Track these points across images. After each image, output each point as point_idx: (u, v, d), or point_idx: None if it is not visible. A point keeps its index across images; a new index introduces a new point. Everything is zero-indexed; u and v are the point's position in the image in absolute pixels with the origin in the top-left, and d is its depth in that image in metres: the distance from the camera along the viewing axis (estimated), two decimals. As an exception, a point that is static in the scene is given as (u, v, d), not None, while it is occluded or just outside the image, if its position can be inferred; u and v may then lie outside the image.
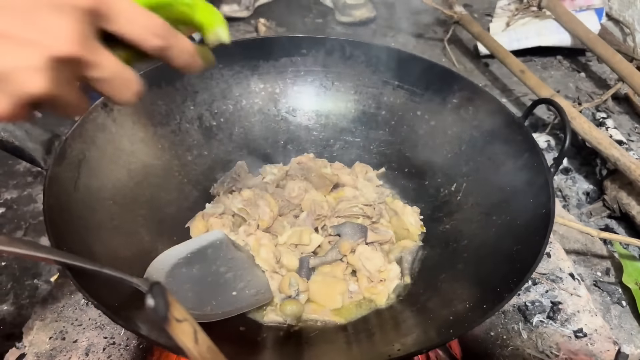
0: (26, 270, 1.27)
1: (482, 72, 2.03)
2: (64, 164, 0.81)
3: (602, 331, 0.92)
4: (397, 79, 1.09)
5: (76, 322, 0.91)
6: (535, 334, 0.92)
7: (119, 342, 0.88)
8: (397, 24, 2.30)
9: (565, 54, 2.09)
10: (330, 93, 1.13)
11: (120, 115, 0.93)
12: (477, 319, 0.69)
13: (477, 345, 0.90)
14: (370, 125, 1.12)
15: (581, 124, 1.44)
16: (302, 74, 1.11)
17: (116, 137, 0.92)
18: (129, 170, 0.93)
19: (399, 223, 0.97)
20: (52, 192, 0.77)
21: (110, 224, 0.84)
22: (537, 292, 0.99)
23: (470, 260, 0.86)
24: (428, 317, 0.78)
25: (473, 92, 1.02)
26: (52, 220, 0.74)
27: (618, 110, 1.81)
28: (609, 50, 1.68)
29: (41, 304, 0.95)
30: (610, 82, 1.94)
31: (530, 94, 1.78)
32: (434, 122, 1.06)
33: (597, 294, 1.20)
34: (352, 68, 1.12)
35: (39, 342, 0.88)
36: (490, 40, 1.86)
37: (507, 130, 0.95)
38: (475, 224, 0.91)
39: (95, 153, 0.87)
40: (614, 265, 1.25)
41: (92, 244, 0.78)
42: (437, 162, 1.04)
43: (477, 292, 0.77)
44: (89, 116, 0.88)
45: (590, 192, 1.51)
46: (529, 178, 0.87)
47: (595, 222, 1.42)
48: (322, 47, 1.10)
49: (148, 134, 0.98)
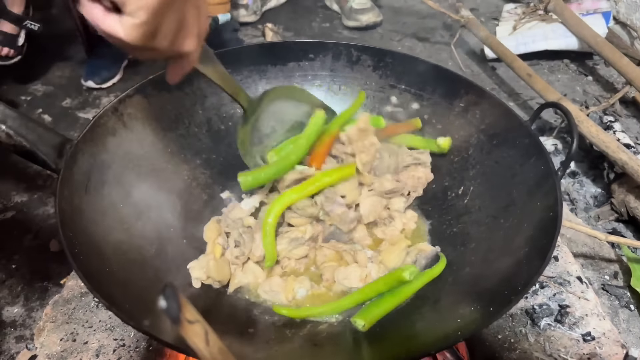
0: (37, 273, 1.28)
1: (489, 75, 2.03)
2: (75, 168, 0.82)
3: (610, 335, 0.92)
4: (403, 83, 1.10)
5: (87, 323, 0.92)
6: (543, 337, 0.92)
7: (129, 344, 0.89)
8: (403, 28, 2.30)
9: (572, 57, 2.09)
10: (337, 97, 1.13)
11: (131, 120, 0.94)
12: (485, 322, 0.69)
13: (485, 348, 0.91)
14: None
15: (588, 128, 1.44)
16: (309, 79, 1.12)
17: (126, 141, 0.93)
18: (139, 173, 0.93)
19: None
20: (64, 196, 0.77)
21: (121, 227, 0.85)
22: (545, 295, 0.99)
23: (478, 263, 0.86)
24: (436, 320, 0.78)
25: (480, 96, 1.02)
26: (64, 223, 0.74)
27: (625, 114, 1.80)
28: (616, 53, 1.68)
29: (52, 305, 0.96)
30: (617, 86, 1.93)
31: (537, 97, 1.78)
32: (441, 126, 1.06)
33: (605, 297, 1.19)
34: (359, 72, 1.12)
35: (50, 343, 0.89)
36: (497, 44, 1.86)
37: (514, 133, 0.95)
38: (483, 227, 0.91)
39: (106, 157, 0.88)
40: (622, 269, 1.25)
41: (104, 247, 0.78)
42: (444, 166, 1.04)
43: (485, 294, 0.77)
44: (99, 120, 0.89)
45: (598, 195, 1.50)
46: (537, 181, 0.87)
47: (602, 226, 1.42)
48: (330, 52, 1.11)
49: (157, 138, 0.99)
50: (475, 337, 0.93)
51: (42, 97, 1.94)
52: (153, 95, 0.98)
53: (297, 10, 2.46)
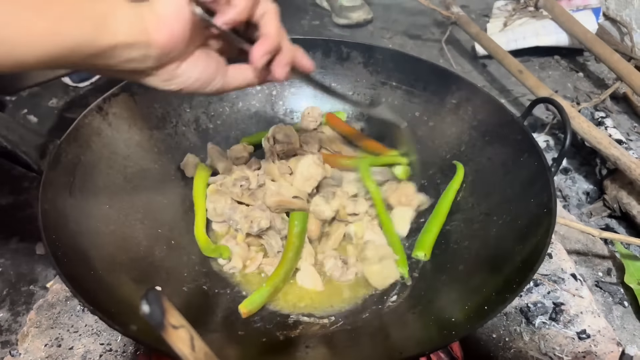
0: (22, 276, 1.26)
1: (480, 72, 2.02)
2: (59, 169, 0.80)
3: (605, 332, 0.91)
4: (394, 79, 1.09)
5: (72, 328, 0.90)
6: (538, 335, 0.91)
7: (115, 349, 0.87)
8: (394, 26, 2.29)
9: (562, 54, 2.09)
10: (327, 95, 1.11)
11: (116, 119, 0.92)
12: (479, 321, 0.68)
13: (479, 347, 0.89)
14: (371, 121, 1.11)
15: (580, 124, 1.44)
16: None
17: (112, 141, 0.91)
18: (125, 174, 0.92)
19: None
20: (47, 197, 0.76)
21: (107, 229, 0.83)
22: (539, 293, 0.98)
23: (471, 261, 0.85)
24: (429, 319, 0.76)
25: (472, 92, 1.01)
26: (46, 225, 0.72)
27: (617, 110, 1.80)
28: (607, 49, 1.68)
29: (36, 310, 0.93)
30: (608, 82, 1.93)
31: (528, 94, 1.77)
32: (433, 123, 1.05)
33: (599, 294, 1.18)
34: (350, 69, 1.11)
35: (34, 349, 0.87)
36: (488, 41, 1.85)
37: (506, 130, 0.94)
38: (476, 225, 0.90)
39: (91, 157, 0.87)
40: (615, 266, 1.24)
41: (88, 249, 0.77)
42: (436, 163, 1.03)
43: (479, 293, 0.75)
44: (83, 120, 0.87)
45: (590, 191, 1.50)
46: (530, 178, 0.87)
47: (595, 222, 1.41)
48: (319, 49, 1.10)
49: (144, 138, 0.97)
50: (470, 336, 0.91)
51: (28, 97, 1.90)
52: (139, 93, 0.96)
53: (287, 8, 2.41)
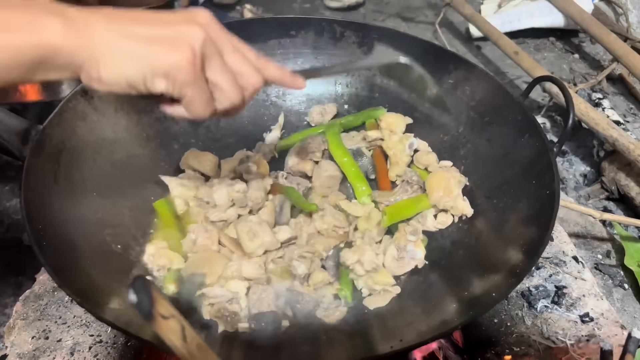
0: (10, 268, 1.22)
1: (474, 55, 1.99)
2: (43, 155, 0.77)
3: (608, 315, 0.90)
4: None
5: (60, 320, 0.87)
6: (540, 319, 0.89)
7: (106, 340, 0.84)
8: (386, 8, 2.25)
9: (558, 35, 2.06)
10: (321, 77, 1.08)
11: (102, 103, 0.89)
12: (483, 307, 0.66)
13: (480, 333, 0.87)
14: (364, 109, 1.08)
15: (578, 105, 1.41)
16: (291, 57, 1.07)
17: (98, 126, 0.88)
18: (113, 160, 0.89)
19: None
20: (30, 185, 0.73)
21: (94, 217, 0.80)
22: (541, 276, 0.95)
23: (472, 245, 0.83)
24: (431, 306, 0.74)
25: (469, 72, 0.98)
26: (30, 214, 0.70)
27: (613, 91, 1.78)
28: (603, 30, 1.65)
29: (23, 302, 0.90)
30: (604, 63, 1.91)
31: (524, 76, 1.74)
32: (430, 104, 1.02)
33: (599, 277, 1.17)
34: (344, 49, 1.07)
35: (21, 342, 0.84)
36: (482, 22, 1.82)
37: (506, 110, 0.92)
38: (477, 208, 0.88)
39: (76, 143, 0.83)
40: (615, 248, 1.23)
41: (75, 239, 0.74)
42: (433, 145, 1.01)
43: (482, 278, 0.73)
44: (67, 104, 0.84)
45: (588, 174, 1.48)
46: (531, 159, 0.84)
47: (593, 204, 1.40)
48: (312, 28, 1.06)
49: (132, 123, 0.94)
50: (471, 322, 0.89)
51: (13, 85, 1.86)
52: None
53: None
